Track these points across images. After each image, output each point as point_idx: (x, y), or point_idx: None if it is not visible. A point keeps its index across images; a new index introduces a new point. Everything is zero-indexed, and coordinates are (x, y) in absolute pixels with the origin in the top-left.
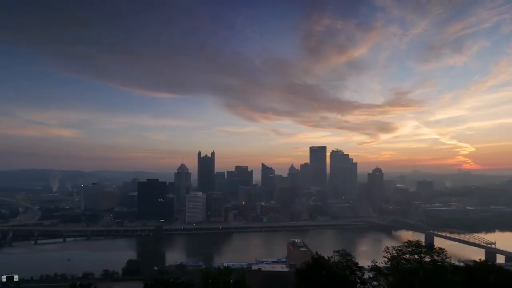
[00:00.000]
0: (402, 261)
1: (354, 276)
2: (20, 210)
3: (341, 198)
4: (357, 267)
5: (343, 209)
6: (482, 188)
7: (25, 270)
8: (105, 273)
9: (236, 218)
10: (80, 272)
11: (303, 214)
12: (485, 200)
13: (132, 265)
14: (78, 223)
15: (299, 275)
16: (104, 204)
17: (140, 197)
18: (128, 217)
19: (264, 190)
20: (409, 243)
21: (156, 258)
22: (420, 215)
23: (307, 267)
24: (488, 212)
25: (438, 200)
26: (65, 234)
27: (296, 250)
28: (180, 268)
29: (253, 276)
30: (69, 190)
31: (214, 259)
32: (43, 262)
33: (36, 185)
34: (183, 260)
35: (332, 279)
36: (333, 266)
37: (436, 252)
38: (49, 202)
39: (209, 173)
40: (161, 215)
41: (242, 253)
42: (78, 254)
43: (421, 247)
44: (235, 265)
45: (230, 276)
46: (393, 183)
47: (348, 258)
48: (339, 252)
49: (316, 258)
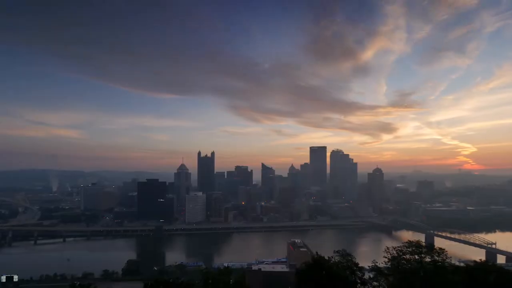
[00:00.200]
0: (402, 262)
1: (354, 277)
2: (19, 210)
3: (341, 198)
4: (357, 267)
5: (343, 209)
6: (483, 188)
7: (25, 270)
8: (105, 273)
9: (236, 218)
10: (80, 272)
11: (303, 214)
12: (486, 200)
13: (132, 265)
14: (78, 223)
15: (299, 276)
16: (104, 204)
17: (140, 197)
18: (128, 217)
19: (264, 190)
20: (410, 243)
21: (156, 258)
22: (421, 215)
23: (307, 267)
24: (488, 212)
25: (438, 200)
26: (65, 234)
27: (296, 250)
28: (180, 268)
29: (253, 277)
30: (68, 190)
31: (214, 259)
32: (42, 262)
33: (35, 185)
34: (183, 260)
35: (332, 279)
36: (333, 266)
37: (436, 253)
38: (49, 202)
39: (209, 173)
40: (161, 215)
41: (242, 253)
42: (77, 254)
43: (422, 247)
44: (235, 265)
45: (230, 276)
46: (393, 183)
47: (348, 259)
48: (339, 252)
49: (316, 258)
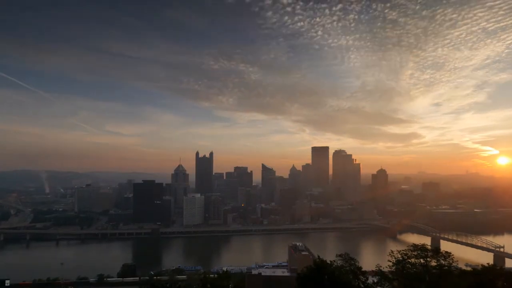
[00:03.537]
0: (407, 266)
1: (357, 281)
2: (11, 212)
3: (344, 200)
4: (360, 271)
5: (346, 211)
6: (490, 190)
7: (17, 274)
8: (100, 278)
9: (236, 220)
10: (74, 277)
11: (305, 216)
12: (494, 202)
13: (128, 269)
14: (72, 225)
15: (300, 280)
16: (98, 206)
17: (136, 199)
18: (123, 220)
19: (265, 192)
20: (415, 247)
21: (153, 262)
22: (426, 217)
23: (308, 271)
24: (496, 214)
25: (444, 202)
26: (58, 237)
27: (297, 254)
28: (178, 273)
29: (253, 281)
30: (62, 191)
31: (213, 263)
32: (35, 266)
33: (28, 186)
34: (181, 264)
35: (335, 284)
36: (336, 270)
37: (442, 256)
38: (42, 204)
39: (208, 174)
40: (157, 218)
41: (242, 257)
42: (71, 258)
43: (427, 251)
44: (235, 270)
45: (229, 281)
46: (398, 184)
47: (351, 262)
48: (342, 256)
49: (318, 262)
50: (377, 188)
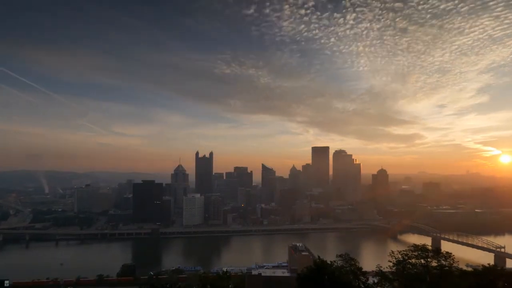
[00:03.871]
0: (408, 266)
1: (358, 282)
2: (11, 212)
3: (344, 200)
4: (361, 272)
5: (346, 211)
6: (491, 190)
7: (17, 274)
8: (99, 278)
9: (235, 220)
10: (73, 277)
11: (305, 216)
12: (494, 203)
13: (127, 270)
14: (71, 226)
15: (300, 280)
16: (98, 206)
17: (135, 199)
18: (123, 220)
19: (265, 192)
20: (415, 247)
21: (152, 262)
22: (427, 218)
23: (309, 272)
24: (497, 214)
25: (445, 203)
26: (58, 237)
27: (297, 254)
28: (177, 273)
29: (253, 281)
30: (61, 192)
31: (213, 264)
32: (35, 267)
33: (27, 186)
34: (180, 265)
35: (335, 284)
36: (336, 271)
37: (443, 256)
38: (41, 204)
39: (207, 174)
40: (157, 218)
41: (242, 257)
42: (71, 258)
43: (428, 251)
44: (234, 270)
45: (229, 281)
46: (398, 184)
47: (351, 263)
48: (342, 256)
49: (318, 262)
50: (377, 188)
